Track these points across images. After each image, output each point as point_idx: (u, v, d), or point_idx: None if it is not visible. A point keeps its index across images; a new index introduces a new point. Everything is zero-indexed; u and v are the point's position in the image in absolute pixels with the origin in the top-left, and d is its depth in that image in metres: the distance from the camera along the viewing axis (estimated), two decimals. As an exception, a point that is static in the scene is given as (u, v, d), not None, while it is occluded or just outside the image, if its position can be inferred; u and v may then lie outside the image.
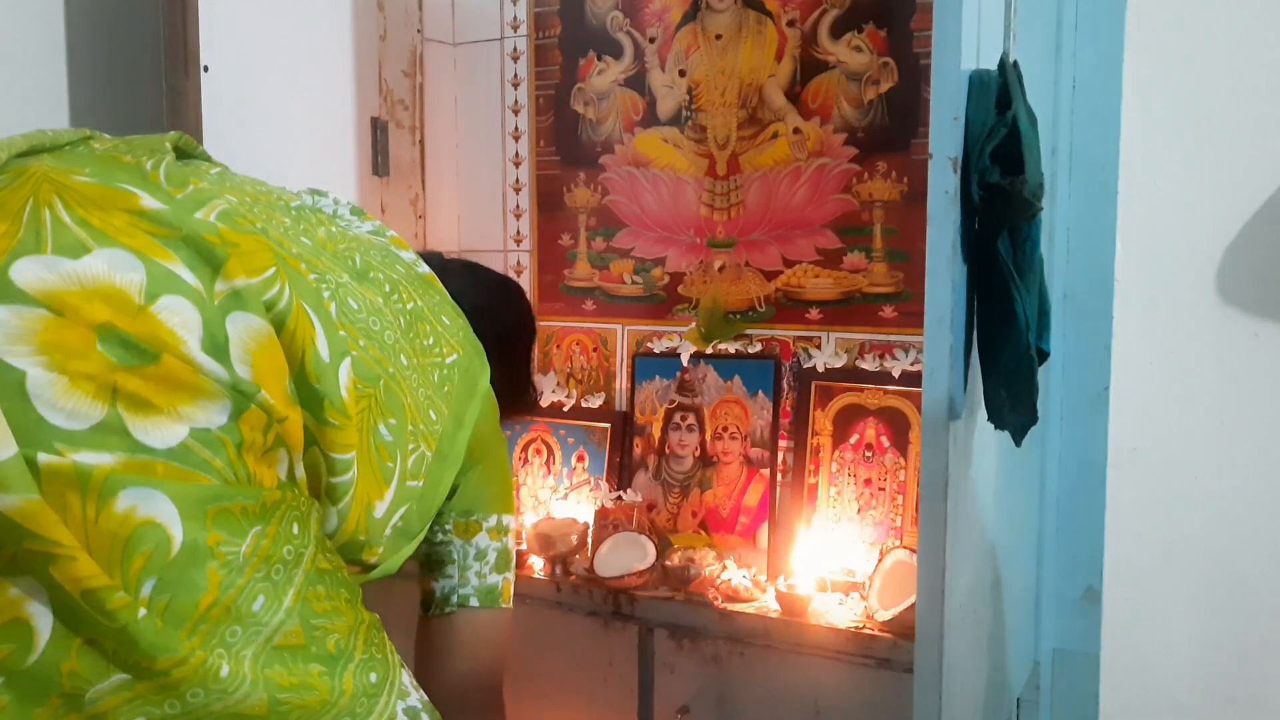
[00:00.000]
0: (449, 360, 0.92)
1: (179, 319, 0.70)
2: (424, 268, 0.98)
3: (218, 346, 0.72)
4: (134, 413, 0.67)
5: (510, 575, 1.02)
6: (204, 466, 0.70)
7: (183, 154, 0.87)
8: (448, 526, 0.98)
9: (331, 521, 0.82)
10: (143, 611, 0.67)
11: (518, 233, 2.01)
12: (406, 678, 0.87)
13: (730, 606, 1.57)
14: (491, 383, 1.00)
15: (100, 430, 0.66)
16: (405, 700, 0.85)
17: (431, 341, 0.91)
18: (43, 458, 0.63)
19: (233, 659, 0.70)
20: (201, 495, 0.69)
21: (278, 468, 0.76)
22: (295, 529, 0.76)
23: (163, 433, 0.68)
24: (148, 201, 0.73)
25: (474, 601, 0.98)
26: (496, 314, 1.06)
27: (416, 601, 1.06)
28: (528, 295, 1.19)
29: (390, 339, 0.85)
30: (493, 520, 1.00)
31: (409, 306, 0.90)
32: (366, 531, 0.84)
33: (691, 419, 1.81)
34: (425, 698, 0.90)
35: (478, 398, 0.95)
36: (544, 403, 1.94)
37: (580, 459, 1.90)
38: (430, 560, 1.00)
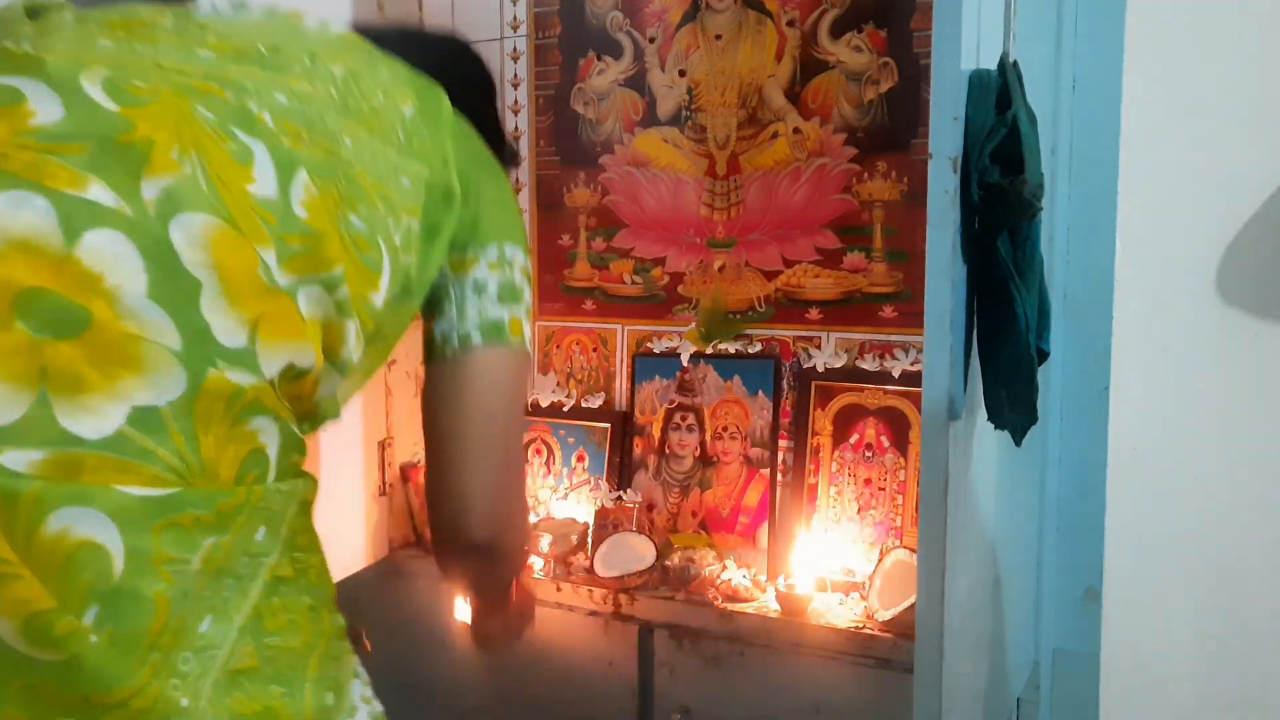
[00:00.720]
0: (408, 114, 0.82)
1: (109, 261, 0.61)
2: (338, 29, 0.85)
3: (169, 282, 0.62)
4: (63, 394, 0.59)
5: (520, 311, 0.88)
6: (144, 456, 0.61)
7: (33, 11, 0.73)
8: (444, 266, 0.86)
9: (349, 340, 0.75)
10: (94, 638, 0.59)
11: (518, 233, 2.01)
12: (357, 693, 0.80)
13: (730, 606, 1.57)
14: None
15: (27, 422, 0.58)
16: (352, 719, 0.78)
17: (381, 99, 0.81)
18: None
19: (190, 691, 0.63)
20: (144, 509, 0.61)
21: (252, 444, 0.68)
22: (260, 534, 0.68)
23: (95, 418, 0.60)
24: (39, 113, 0.62)
25: (476, 338, 0.85)
26: (445, 75, 0.90)
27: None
28: (475, 50, 1.04)
29: (333, 122, 0.75)
30: (491, 251, 0.87)
31: (337, 72, 0.78)
32: (373, 323, 0.78)
33: (691, 419, 1.81)
34: (377, 710, 0.84)
35: (446, 133, 0.85)
36: (544, 403, 1.94)
37: (580, 459, 1.90)
38: (429, 304, 0.89)
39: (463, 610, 1.65)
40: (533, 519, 1.84)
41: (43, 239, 0.59)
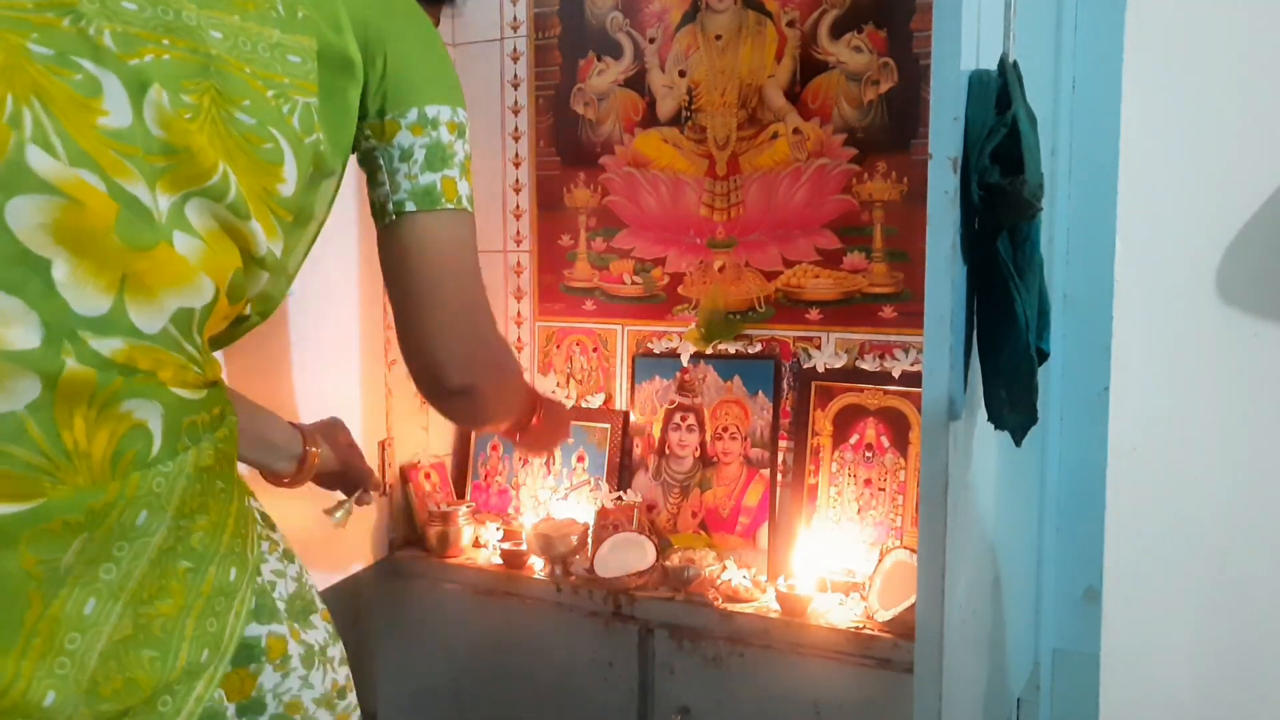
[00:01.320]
0: None
1: None
2: None
3: (18, 268, 0.61)
4: None
5: (452, 172, 0.86)
6: (4, 459, 0.61)
7: None
8: (367, 133, 0.85)
9: (259, 242, 0.73)
10: None
11: (518, 233, 2.01)
12: (258, 630, 0.81)
13: (730, 607, 1.57)
14: None
15: None
16: (260, 576, 0.81)
17: None
18: None
19: (77, 665, 0.65)
20: (10, 525, 0.61)
21: (127, 424, 0.66)
22: (141, 518, 0.68)
23: None
24: None
25: (410, 206, 0.85)
26: None
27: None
28: None
29: (193, 16, 0.71)
30: (411, 115, 0.84)
31: None
32: (289, 212, 0.76)
33: (691, 419, 1.81)
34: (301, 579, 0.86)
35: None
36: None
37: (580, 459, 1.90)
38: (366, 170, 0.88)
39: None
40: (533, 519, 1.84)
41: None
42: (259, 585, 0.82)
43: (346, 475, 1.18)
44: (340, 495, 1.22)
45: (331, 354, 1.67)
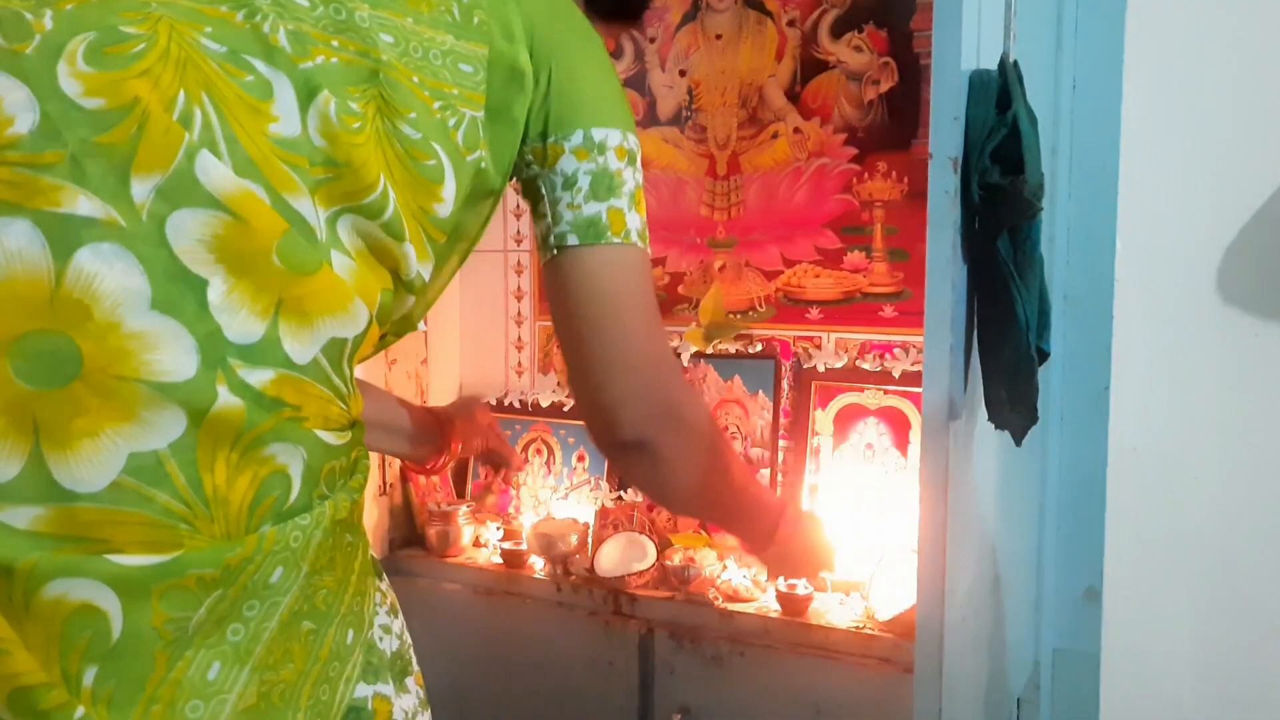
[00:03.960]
0: None
1: (101, 283, 0.56)
2: None
3: (175, 287, 0.57)
4: (56, 448, 0.56)
5: (620, 202, 0.78)
6: (142, 504, 0.57)
7: None
8: (529, 157, 0.77)
9: (410, 264, 0.68)
10: (80, 711, 0.57)
11: (518, 232, 2.01)
12: (373, 691, 0.74)
13: (730, 606, 1.57)
14: None
15: (24, 479, 0.55)
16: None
17: None
18: None
19: None
20: (143, 576, 0.57)
21: (269, 468, 0.62)
22: (276, 576, 0.63)
23: (90, 469, 0.56)
24: (15, 120, 0.57)
25: (571, 239, 0.76)
26: None
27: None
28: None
29: (366, 17, 0.67)
30: (576, 138, 0.76)
31: None
32: (442, 234, 0.71)
33: (692, 419, 1.81)
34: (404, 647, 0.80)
35: None
36: (544, 403, 1.94)
37: (580, 459, 1.90)
38: (528, 198, 0.81)
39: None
40: (533, 519, 1.84)
41: (30, 269, 0.55)
42: (367, 640, 0.75)
43: (489, 457, 1.13)
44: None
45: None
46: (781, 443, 1.74)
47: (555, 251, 0.77)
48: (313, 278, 0.62)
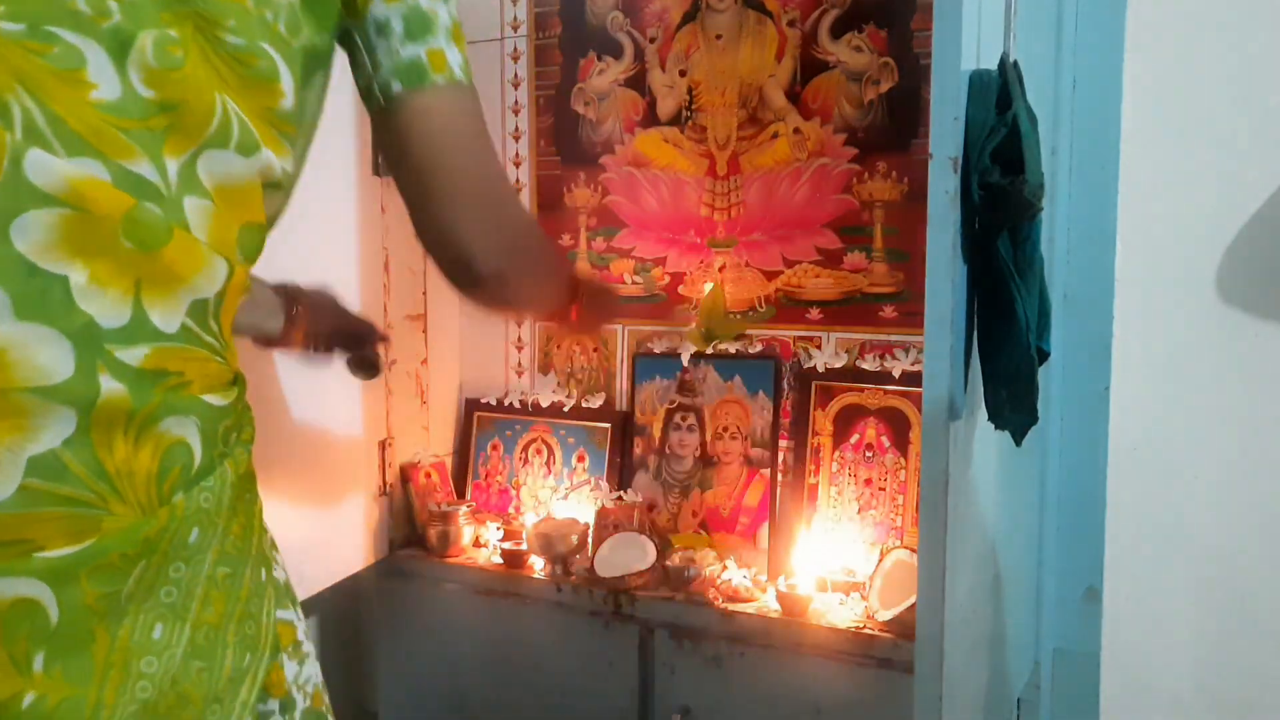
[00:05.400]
0: None
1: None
2: None
3: (31, 300, 0.57)
4: None
5: (437, 40, 0.77)
6: (53, 501, 0.59)
7: None
8: (339, 13, 0.76)
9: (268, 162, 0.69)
10: (29, 698, 0.60)
11: (518, 233, 2.01)
12: (281, 617, 0.79)
13: (731, 607, 1.57)
14: None
15: None
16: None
17: None
18: None
19: (155, 687, 0.65)
20: (69, 564, 0.60)
21: (167, 442, 0.64)
22: (194, 536, 0.67)
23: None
24: None
25: (395, 86, 0.76)
26: None
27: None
28: None
29: None
30: None
31: None
32: (292, 125, 0.71)
33: (692, 419, 1.81)
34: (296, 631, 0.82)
35: None
36: (544, 403, 1.95)
37: (580, 459, 1.90)
38: (346, 51, 0.80)
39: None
40: (533, 519, 1.84)
41: None
42: (273, 576, 0.79)
43: (346, 330, 1.10)
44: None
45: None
46: (781, 443, 1.74)
47: (382, 101, 0.77)
48: (164, 250, 0.62)
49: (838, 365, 1.71)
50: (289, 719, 0.78)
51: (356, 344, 1.12)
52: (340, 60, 0.80)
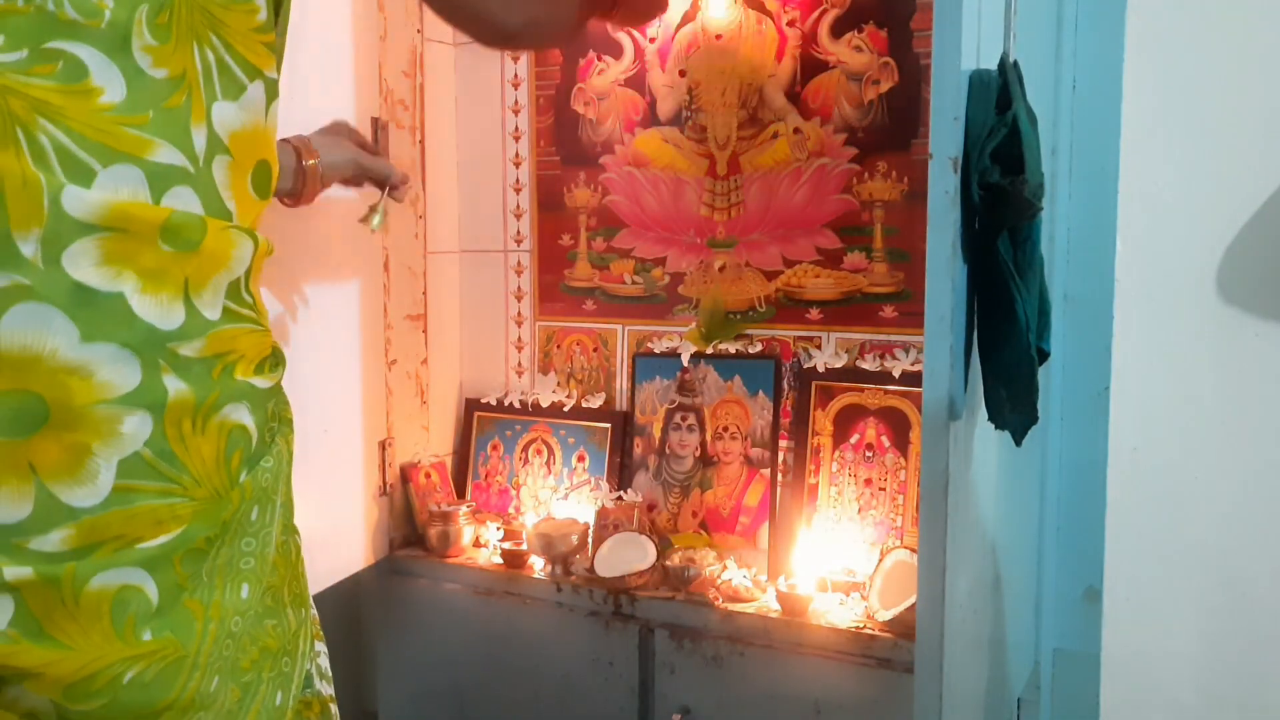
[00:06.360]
0: None
1: (28, 340, 0.59)
2: None
3: (94, 323, 0.61)
4: (53, 480, 0.61)
5: None
6: (143, 496, 0.64)
7: None
8: None
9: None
10: (131, 673, 0.64)
11: (518, 233, 2.01)
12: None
13: (731, 606, 1.57)
14: None
15: (40, 510, 0.61)
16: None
17: None
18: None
19: (238, 648, 0.71)
20: (163, 552, 0.65)
21: (229, 427, 0.69)
22: (254, 514, 0.72)
23: (90, 486, 0.62)
24: None
25: None
26: None
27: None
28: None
29: None
30: None
31: None
32: (269, 34, 0.72)
33: (692, 419, 1.81)
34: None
35: None
36: (544, 403, 1.95)
37: (580, 459, 1.90)
38: None
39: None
40: (533, 519, 1.84)
41: None
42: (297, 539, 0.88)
43: (365, 176, 1.12)
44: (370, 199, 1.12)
45: (332, 354, 1.67)
46: (782, 443, 1.74)
47: None
48: (202, 246, 0.65)
49: (838, 365, 1.71)
50: (320, 670, 0.87)
51: (377, 187, 1.14)
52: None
